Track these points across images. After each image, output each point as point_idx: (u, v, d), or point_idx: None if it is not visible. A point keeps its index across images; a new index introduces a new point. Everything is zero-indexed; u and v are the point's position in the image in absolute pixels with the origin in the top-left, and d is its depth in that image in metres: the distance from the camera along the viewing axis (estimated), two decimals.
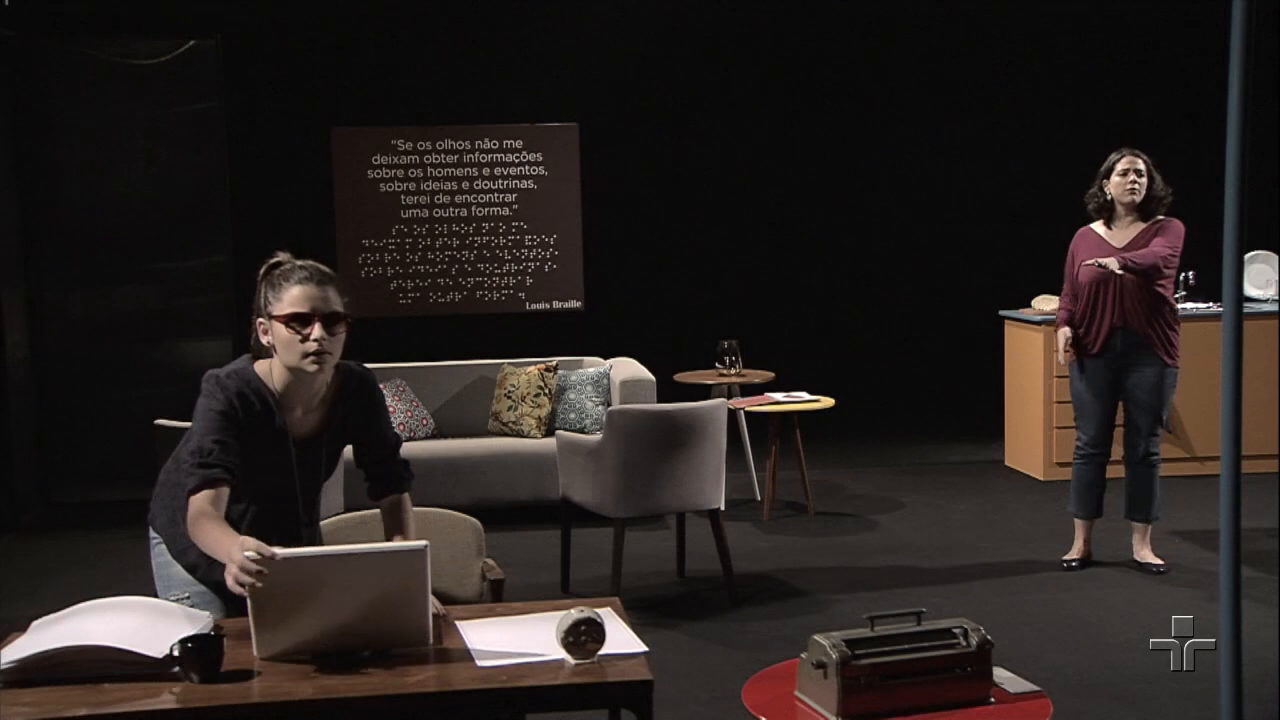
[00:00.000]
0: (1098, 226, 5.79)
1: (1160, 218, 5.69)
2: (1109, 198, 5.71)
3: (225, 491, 2.89)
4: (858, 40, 9.56)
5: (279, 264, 3.01)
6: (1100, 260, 5.55)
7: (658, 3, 9.21)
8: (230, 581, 2.59)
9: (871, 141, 9.64)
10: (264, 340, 2.99)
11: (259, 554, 2.55)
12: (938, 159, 9.69)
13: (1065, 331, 5.79)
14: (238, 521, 3.05)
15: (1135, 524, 5.87)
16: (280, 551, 2.60)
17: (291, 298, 2.93)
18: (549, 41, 9.09)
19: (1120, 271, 5.53)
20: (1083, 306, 5.74)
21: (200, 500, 2.85)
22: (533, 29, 9.07)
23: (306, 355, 2.92)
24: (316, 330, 2.92)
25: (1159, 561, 5.81)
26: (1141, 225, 5.70)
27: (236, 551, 2.57)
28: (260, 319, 2.99)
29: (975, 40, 9.60)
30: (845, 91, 9.59)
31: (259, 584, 2.55)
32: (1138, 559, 5.85)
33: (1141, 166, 5.65)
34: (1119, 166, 5.67)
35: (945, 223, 9.72)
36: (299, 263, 3.01)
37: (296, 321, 2.92)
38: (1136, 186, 5.63)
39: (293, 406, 3.04)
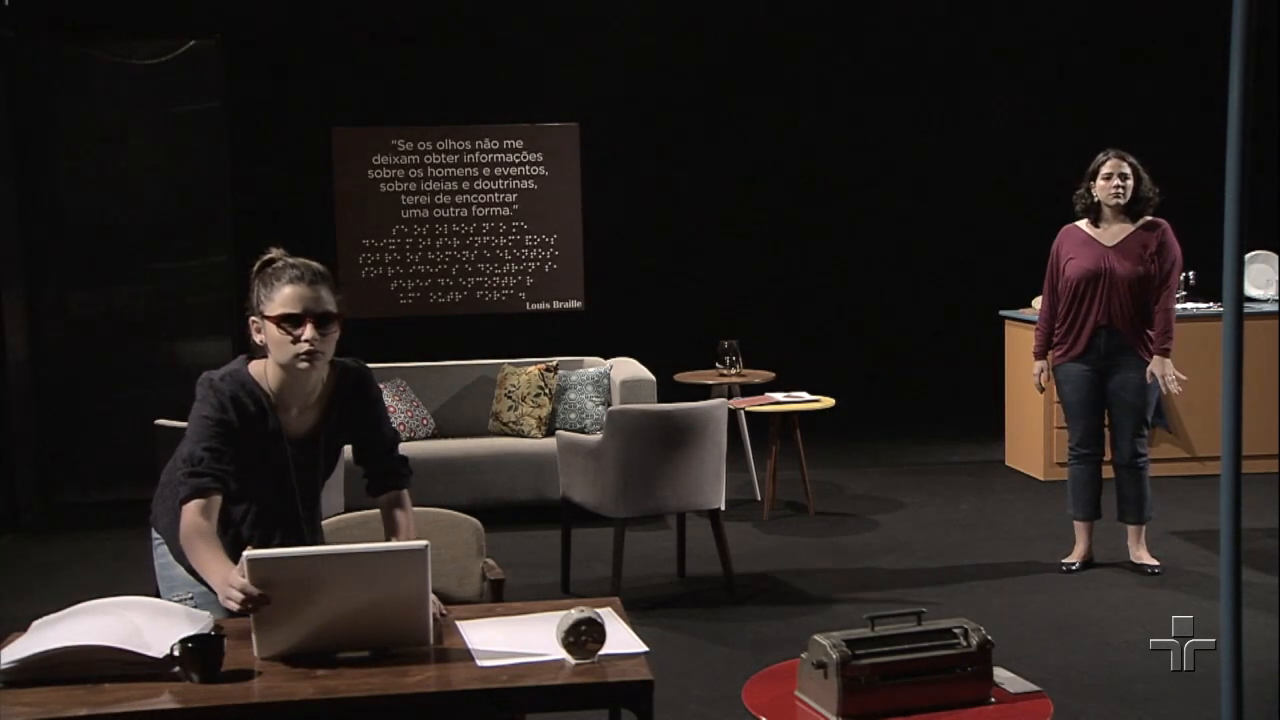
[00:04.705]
0: (1084, 225, 5.79)
1: (1148, 218, 5.70)
2: (1095, 199, 5.71)
3: (217, 500, 2.89)
4: (857, 40, 9.56)
5: (272, 261, 3.01)
6: (1166, 383, 5.61)
7: (658, 3, 9.21)
8: (233, 606, 2.60)
9: (871, 141, 9.64)
10: (257, 339, 2.99)
11: (253, 594, 2.55)
12: (937, 159, 9.69)
13: (1040, 365, 5.92)
14: (239, 522, 3.05)
15: (1129, 526, 5.88)
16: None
17: (283, 297, 2.92)
18: (549, 41, 9.09)
19: (1177, 378, 5.62)
20: (1067, 304, 5.74)
21: (192, 511, 2.85)
22: (533, 29, 9.07)
23: (298, 355, 2.92)
24: (308, 331, 2.91)
25: (1154, 563, 5.81)
26: (1130, 226, 5.70)
27: (235, 577, 2.58)
28: (253, 317, 2.99)
29: (975, 40, 9.60)
30: (844, 91, 9.59)
31: (260, 602, 2.55)
32: (1134, 560, 5.85)
33: (1127, 169, 5.64)
34: (1104, 169, 5.66)
35: (945, 223, 9.72)
36: (291, 260, 3.00)
37: (288, 322, 2.91)
38: (1121, 190, 5.63)
39: (288, 405, 3.04)
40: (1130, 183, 5.64)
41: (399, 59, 8.92)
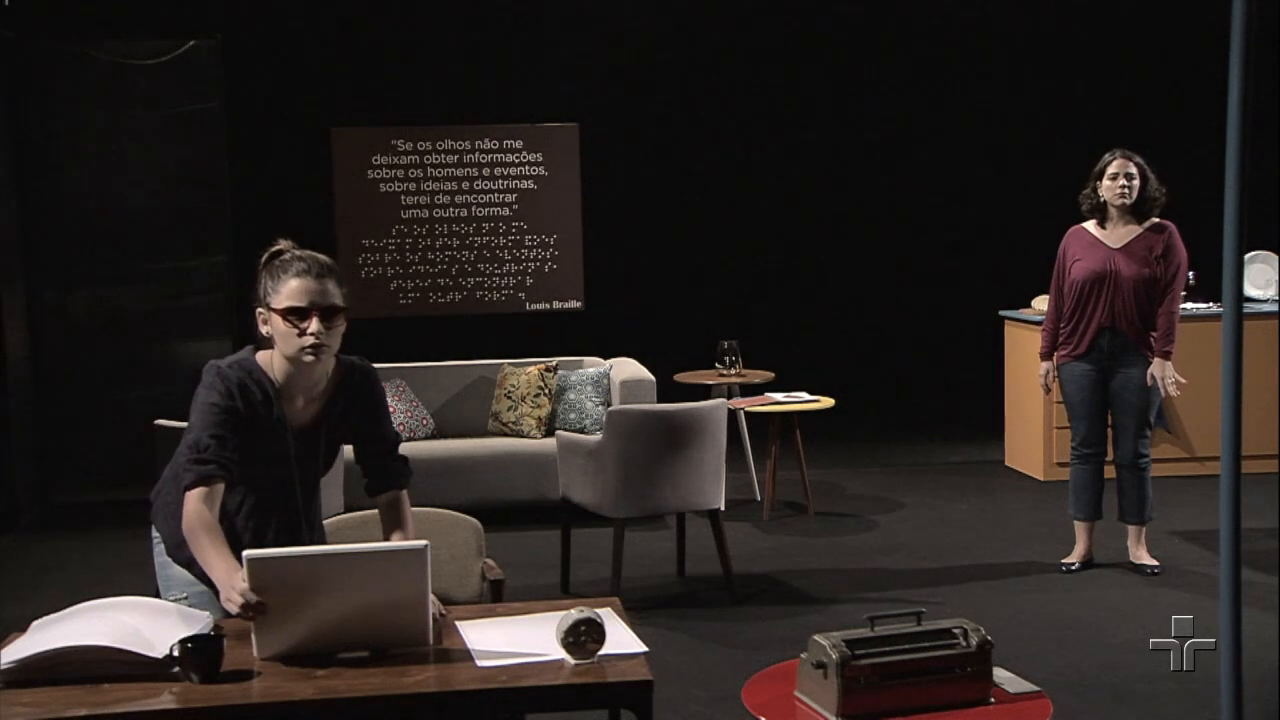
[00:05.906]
0: (1091, 226, 5.79)
1: (1155, 220, 5.69)
2: (1102, 199, 5.70)
3: (220, 489, 2.90)
4: (857, 41, 9.55)
5: (280, 253, 3.03)
6: (1166, 386, 5.63)
7: (657, 3, 9.22)
8: (233, 609, 2.62)
9: (871, 141, 9.64)
10: (263, 330, 3.01)
11: (252, 601, 2.56)
12: (937, 159, 9.69)
13: (1046, 366, 5.94)
14: (234, 512, 3.05)
15: (1129, 526, 5.88)
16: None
17: (290, 290, 2.94)
18: (549, 41, 9.09)
19: (1177, 380, 5.64)
20: (1072, 305, 5.74)
21: (195, 499, 2.86)
22: (533, 29, 9.07)
23: (304, 348, 2.94)
24: (314, 324, 2.93)
25: (1154, 563, 5.81)
26: (1137, 228, 5.69)
27: (238, 580, 2.60)
28: (260, 309, 3.01)
29: (975, 40, 9.59)
30: (844, 92, 9.59)
31: (259, 609, 2.56)
32: (1133, 560, 5.85)
33: (1133, 169, 5.63)
34: (1110, 169, 5.65)
35: (945, 223, 9.72)
36: (298, 253, 3.02)
37: (294, 315, 2.93)
38: (1127, 190, 5.61)
39: (293, 397, 3.05)
40: (1136, 183, 5.63)
41: (399, 59, 8.92)
